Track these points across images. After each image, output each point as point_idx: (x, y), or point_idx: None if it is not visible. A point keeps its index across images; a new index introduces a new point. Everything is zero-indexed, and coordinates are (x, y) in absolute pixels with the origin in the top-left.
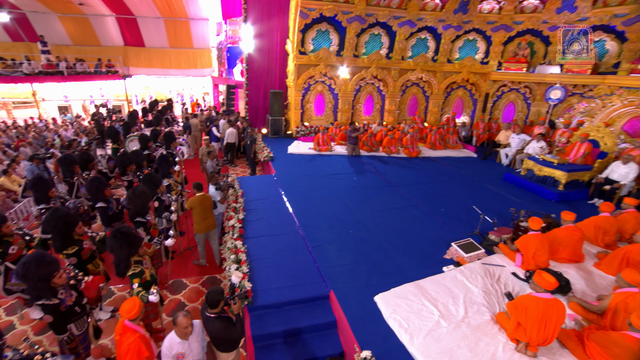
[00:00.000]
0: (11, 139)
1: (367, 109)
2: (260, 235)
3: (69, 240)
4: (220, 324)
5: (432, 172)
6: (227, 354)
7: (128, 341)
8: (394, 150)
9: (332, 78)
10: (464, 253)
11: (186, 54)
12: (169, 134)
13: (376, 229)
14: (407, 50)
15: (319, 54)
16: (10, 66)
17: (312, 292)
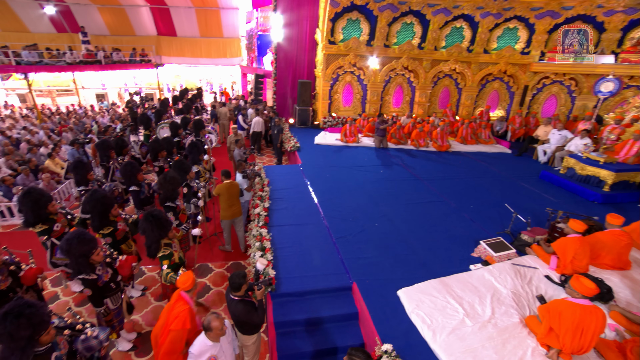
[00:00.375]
0: (55, 125)
1: (396, 101)
2: (285, 224)
3: (105, 221)
4: (243, 307)
5: (462, 167)
6: (248, 337)
7: (179, 309)
8: (422, 143)
9: (362, 68)
10: (493, 252)
11: (216, 43)
12: (199, 121)
13: (401, 223)
14: (440, 40)
15: (349, 43)
16: (55, 56)
17: (334, 283)
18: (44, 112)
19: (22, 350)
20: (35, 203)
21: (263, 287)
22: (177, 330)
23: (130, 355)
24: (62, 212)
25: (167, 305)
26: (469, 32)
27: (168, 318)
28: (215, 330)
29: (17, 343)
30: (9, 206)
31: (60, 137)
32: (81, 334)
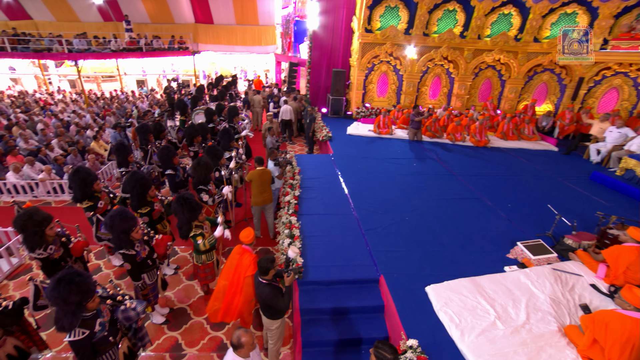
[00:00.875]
0: (100, 109)
1: (433, 93)
2: (314, 213)
3: (143, 201)
4: (270, 291)
5: (501, 164)
6: (273, 321)
7: (249, 258)
8: (459, 137)
9: (398, 58)
10: (531, 255)
11: (251, 30)
12: (233, 108)
13: (433, 218)
14: (485, 28)
15: (386, 32)
16: (101, 44)
17: (362, 275)
18: (90, 97)
19: (73, 313)
20: (82, 181)
21: (292, 273)
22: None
23: (163, 329)
24: (105, 191)
25: (231, 260)
26: (518, 18)
27: (239, 268)
28: (246, 346)
29: (69, 307)
30: (60, 183)
31: (104, 120)
32: (121, 304)
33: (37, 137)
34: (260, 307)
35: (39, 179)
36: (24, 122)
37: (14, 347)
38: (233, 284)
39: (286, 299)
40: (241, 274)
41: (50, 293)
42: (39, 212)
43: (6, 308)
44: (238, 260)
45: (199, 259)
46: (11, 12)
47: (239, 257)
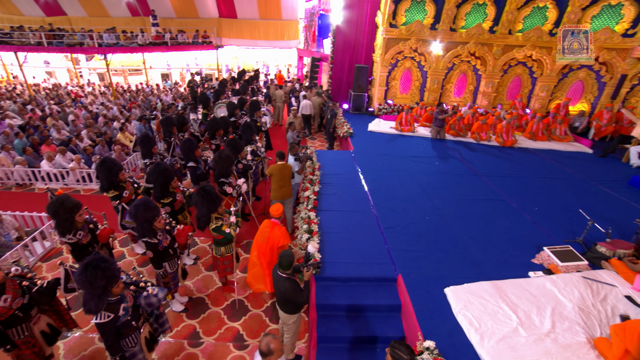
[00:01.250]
0: (126, 101)
1: (458, 90)
2: (333, 210)
3: (166, 192)
4: (290, 285)
5: (528, 165)
6: (289, 316)
7: (280, 230)
8: (484, 137)
9: (423, 54)
10: (559, 261)
11: (274, 25)
12: (255, 102)
13: (454, 219)
14: (516, 23)
15: (411, 27)
16: (129, 38)
17: (379, 273)
18: (117, 90)
19: (99, 297)
20: (109, 171)
21: (311, 268)
22: (285, 245)
23: (182, 317)
24: (130, 181)
25: (261, 234)
26: (554, 12)
27: (270, 240)
28: (276, 352)
29: (95, 291)
30: (88, 172)
31: (130, 112)
32: (144, 290)
33: (68, 128)
34: (277, 301)
35: (70, 167)
36: (57, 113)
37: (47, 325)
38: (266, 255)
39: (305, 294)
40: (274, 244)
41: (79, 277)
42: (70, 200)
43: (41, 287)
44: (269, 233)
45: (218, 251)
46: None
47: (269, 230)
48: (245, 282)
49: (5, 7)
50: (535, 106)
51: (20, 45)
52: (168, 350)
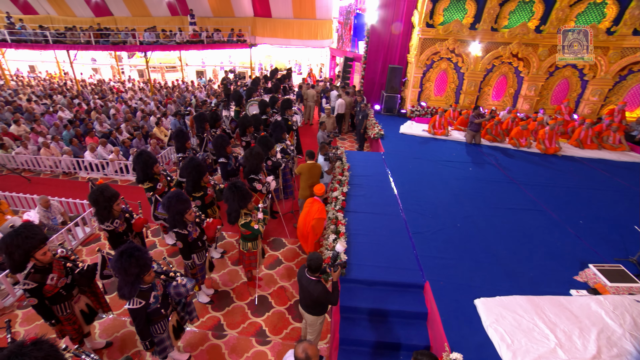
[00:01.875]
0: (162, 97)
1: (496, 93)
2: (361, 211)
3: (197, 186)
4: (322, 288)
5: (574, 174)
6: (315, 317)
7: (318, 205)
8: (524, 143)
9: (460, 55)
10: (607, 281)
11: (308, 24)
12: (287, 101)
13: (488, 228)
14: (568, 21)
15: (449, 27)
16: (168, 36)
17: (406, 278)
18: (155, 86)
19: (132, 284)
20: (144, 163)
21: (339, 268)
22: (321, 218)
23: (207, 308)
24: (163, 174)
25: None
26: (614, 8)
27: (309, 213)
28: (313, 359)
29: (129, 278)
30: (126, 164)
31: (165, 108)
32: (173, 280)
33: (109, 121)
34: (304, 304)
35: (109, 159)
36: (100, 107)
37: (86, 305)
38: (306, 226)
39: (335, 294)
40: (311, 216)
41: (114, 264)
42: (109, 189)
43: (82, 270)
44: (309, 207)
45: (245, 246)
46: (98, 9)
47: (310, 205)
48: (269, 279)
49: (62, 9)
50: (584, 112)
51: (72, 44)
52: (193, 339)
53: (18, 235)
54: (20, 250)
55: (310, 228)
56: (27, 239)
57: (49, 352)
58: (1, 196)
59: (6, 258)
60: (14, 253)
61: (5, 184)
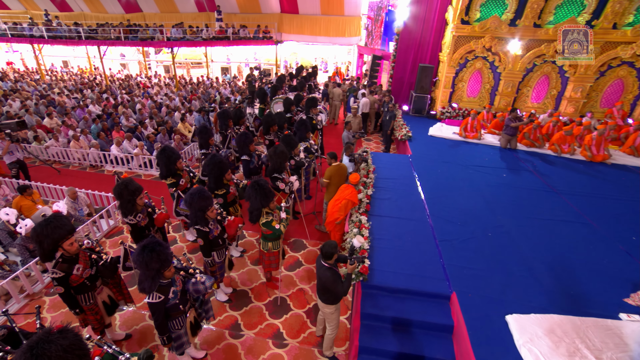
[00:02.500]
0: (187, 93)
1: (537, 94)
2: (386, 215)
3: (220, 183)
4: (331, 275)
5: (626, 185)
6: (328, 305)
7: (349, 189)
8: (567, 149)
9: (497, 54)
10: None
11: (336, 21)
12: (312, 99)
13: (523, 239)
14: (625, 15)
15: (486, 23)
16: (194, 32)
17: (431, 288)
18: (180, 82)
19: (152, 278)
20: (168, 159)
21: (355, 262)
22: (349, 200)
23: (225, 307)
24: (186, 170)
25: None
26: None
27: (342, 194)
28: None
29: (149, 272)
30: (150, 159)
31: (190, 104)
32: (192, 277)
33: (135, 116)
34: (317, 290)
35: (134, 153)
36: (127, 102)
37: (108, 296)
38: (335, 206)
39: (345, 285)
40: (341, 198)
41: (136, 257)
42: (133, 183)
43: (106, 262)
44: (342, 191)
45: (266, 246)
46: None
47: (343, 189)
48: (289, 280)
49: (94, 6)
50: None
51: (102, 40)
52: (210, 337)
53: (48, 225)
54: (49, 239)
55: (338, 207)
56: (56, 229)
57: (73, 341)
58: (33, 186)
59: (37, 246)
60: (43, 242)
61: (37, 175)
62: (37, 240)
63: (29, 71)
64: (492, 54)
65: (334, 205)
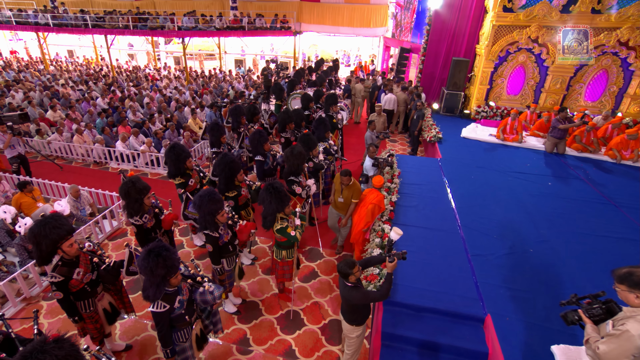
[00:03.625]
0: (198, 87)
1: (591, 92)
2: (411, 225)
3: (231, 185)
4: (356, 292)
5: None
6: (353, 328)
7: (375, 193)
8: (627, 155)
9: (545, 45)
10: None
11: (360, 10)
12: (332, 96)
13: (571, 257)
14: None
15: (533, 10)
16: (207, 22)
17: (462, 308)
18: (191, 75)
19: (157, 285)
20: (177, 157)
21: (395, 259)
22: (375, 205)
23: (233, 319)
24: (196, 169)
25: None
26: None
27: (367, 199)
28: None
29: (155, 278)
30: (157, 156)
31: (201, 98)
32: (200, 286)
33: (142, 110)
34: (343, 310)
35: (141, 150)
36: (134, 95)
37: (109, 304)
38: (362, 212)
39: (384, 288)
40: (367, 202)
41: (141, 262)
42: (140, 181)
43: (108, 266)
44: (367, 196)
45: (279, 255)
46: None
47: (368, 193)
48: (303, 292)
49: None
50: None
51: (110, 29)
52: (216, 352)
53: (46, 225)
54: (48, 240)
55: (364, 216)
56: (54, 229)
57: (69, 352)
58: (34, 182)
59: (34, 248)
60: (41, 243)
61: (39, 171)
62: (34, 242)
63: (33, 61)
64: (538, 45)
65: (360, 211)
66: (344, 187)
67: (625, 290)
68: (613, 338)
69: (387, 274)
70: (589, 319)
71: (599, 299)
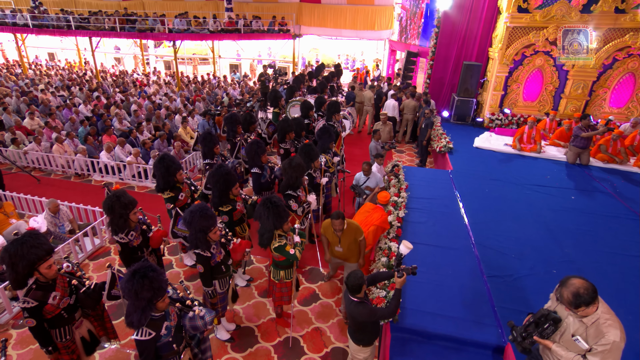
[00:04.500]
0: (190, 93)
1: (616, 97)
2: (420, 242)
3: (225, 198)
4: (363, 308)
5: None
6: (360, 348)
7: (379, 212)
8: None
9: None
10: None
11: (364, 12)
12: (335, 104)
13: (601, 279)
14: None
15: (551, 10)
16: (200, 24)
17: (478, 336)
18: (182, 80)
19: (142, 310)
20: (166, 169)
21: (404, 274)
22: (378, 226)
23: (226, 347)
24: (187, 182)
25: (360, 215)
26: None
27: (368, 219)
28: None
29: (140, 302)
30: (145, 168)
31: (193, 106)
32: (190, 310)
33: (129, 118)
34: (350, 330)
35: (127, 161)
36: (120, 102)
37: (88, 331)
38: None
39: (392, 305)
40: (369, 223)
41: (125, 284)
42: (126, 195)
43: (88, 288)
44: (369, 214)
45: (277, 275)
46: None
47: (371, 211)
48: (303, 317)
49: None
50: None
51: (95, 30)
52: None
53: (23, 244)
54: (25, 261)
55: (365, 235)
56: (32, 249)
57: None
58: (8, 197)
59: (9, 270)
60: (17, 264)
61: (13, 184)
62: (9, 263)
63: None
64: (557, 48)
65: None
66: (339, 234)
67: (586, 309)
68: (606, 353)
69: (396, 289)
70: (547, 339)
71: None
